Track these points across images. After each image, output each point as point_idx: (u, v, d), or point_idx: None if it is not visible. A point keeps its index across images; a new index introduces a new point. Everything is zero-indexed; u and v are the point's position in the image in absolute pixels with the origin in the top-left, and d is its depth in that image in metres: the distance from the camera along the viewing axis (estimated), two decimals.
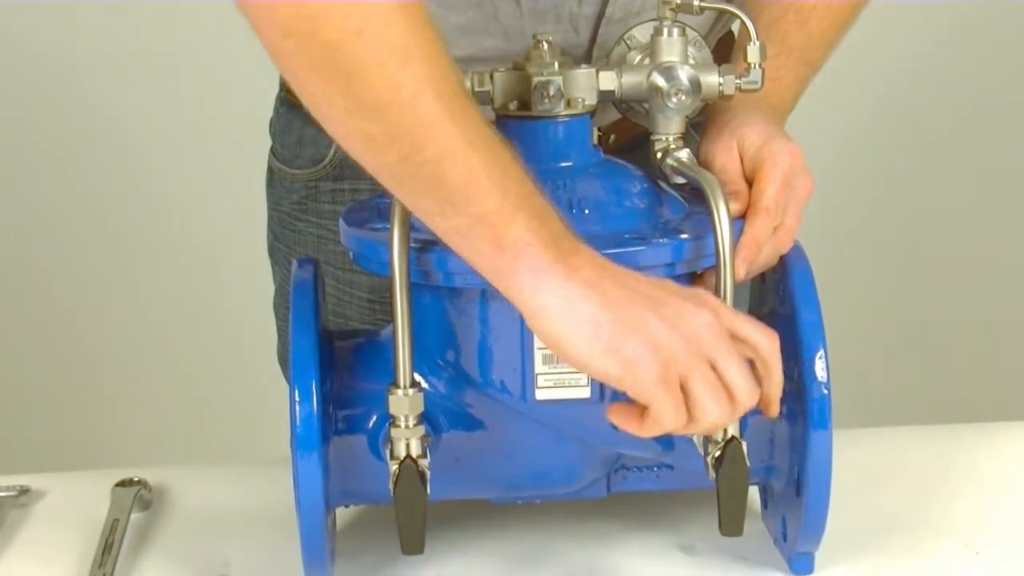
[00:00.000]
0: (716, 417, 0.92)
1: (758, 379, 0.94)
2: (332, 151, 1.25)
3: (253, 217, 1.45)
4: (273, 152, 1.33)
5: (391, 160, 0.90)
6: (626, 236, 0.99)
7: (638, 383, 0.91)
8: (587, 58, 1.14)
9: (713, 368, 0.92)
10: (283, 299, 1.34)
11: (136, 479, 1.21)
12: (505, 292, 0.92)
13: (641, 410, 0.93)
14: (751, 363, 0.94)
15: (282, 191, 1.31)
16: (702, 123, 1.12)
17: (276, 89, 1.33)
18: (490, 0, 1.11)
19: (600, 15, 1.12)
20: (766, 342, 0.95)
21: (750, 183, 1.06)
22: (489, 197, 0.90)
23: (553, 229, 0.92)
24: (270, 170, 1.34)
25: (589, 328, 0.90)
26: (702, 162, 1.08)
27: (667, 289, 0.93)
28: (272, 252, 1.35)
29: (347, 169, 1.26)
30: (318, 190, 1.27)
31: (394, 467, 0.96)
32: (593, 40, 1.13)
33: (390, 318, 0.98)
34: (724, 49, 1.18)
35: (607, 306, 0.91)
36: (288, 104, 1.30)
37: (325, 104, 0.90)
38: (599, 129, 1.15)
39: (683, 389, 0.92)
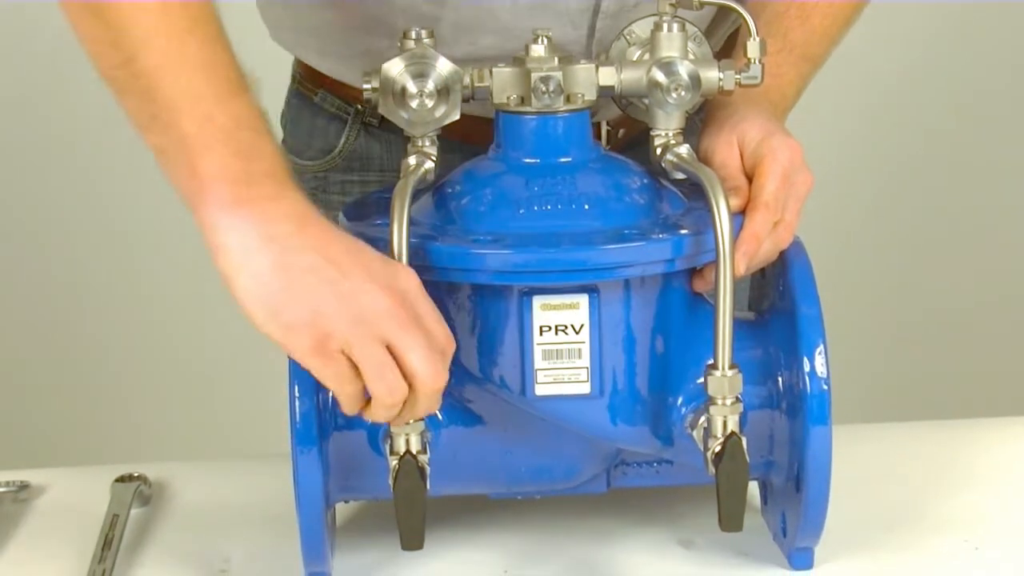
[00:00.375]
0: (386, 393, 0.92)
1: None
2: (342, 142, 1.26)
3: None
4: (284, 144, 1.33)
5: (113, 64, 0.90)
6: (626, 231, 0.99)
7: (295, 351, 0.91)
8: (587, 54, 1.14)
9: (391, 349, 0.92)
10: None
11: (136, 474, 1.21)
12: (199, 227, 0.92)
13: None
14: None
15: None
16: (701, 116, 1.12)
17: (287, 83, 1.33)
18: None
19: (596, 9, 1.12)
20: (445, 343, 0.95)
21: (750, 179, 1.06)
22: (192, 121, 0.90)
23: (254, 169, 0.91)
24: None
25: (258, 285, 0.90)
26: (702, 157, 1.09)
27: (361, 264, 0.93)
28: None
29: (356, 161, 1.26)
30: (328, 181, 1.27)
31: (394, 463, 0.96)
32: (591, 35, 1.13)
33: None
34: (732, 47, 1.18)
35: (281, 267, 0.90)
36: (300, 96, 1.30)
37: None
38: (607, 124, 1.16)
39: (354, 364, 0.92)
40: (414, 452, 0.96)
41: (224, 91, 0.91)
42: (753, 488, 1.13)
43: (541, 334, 0.99)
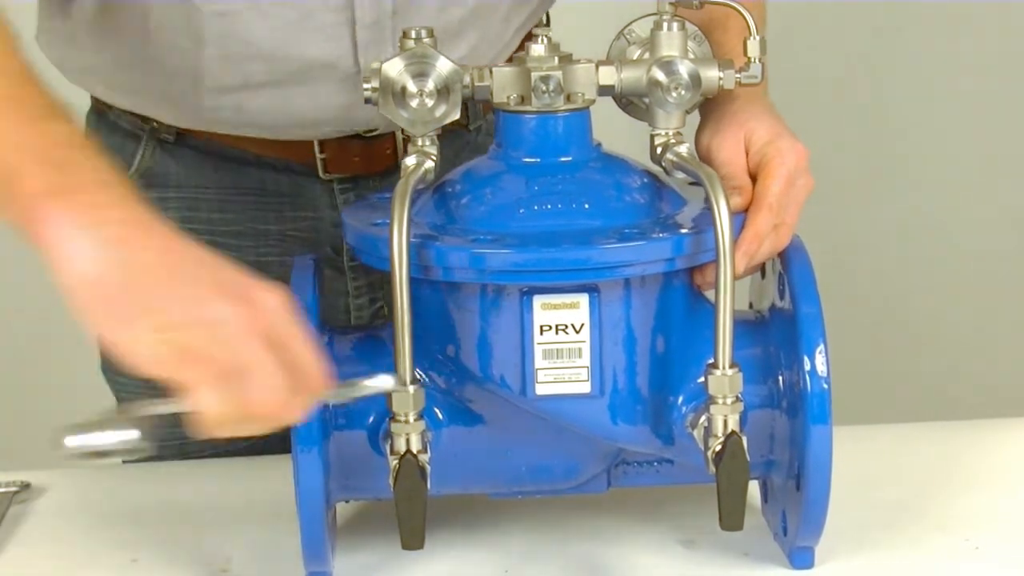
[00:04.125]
0: (216, 405, 0.85)
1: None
2: (137, 160, 1.26)
3: None
4: None
5: None
6: (626, 231, 0.99)
7: (128, 341, 0.85)
8: (356, 69, 1.15)
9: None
10: None
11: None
12: (40, 252, 0.88)
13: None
14: None
15: None
16: (701, 112, 1.11)
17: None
18: (239, 25, 1.12)
19: (352, 21, 1.13)
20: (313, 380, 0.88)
21: (752, 177, 1.06)
22: (4, 151, 0.88)
23: (77, 180, 0.88)
24: None
25: (93, 283, 0.86)
26: (703, 154, 1.09)
27: (209, 272, 0.88)
28: None
29: (154, 178, 1.26)
30: None
31: (394, 462, 0.96)
32: (355, 48, 1.14)
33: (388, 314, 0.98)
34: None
35: (118, 264, 0.86)
36: (96, 113, 1.30)
37: None
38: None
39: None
40: (414, 452, 0.96)
41: (34, 116, 0.89)
42: (753, 487, 1.13)
43: (541, 333, 0.99)
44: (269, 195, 1.27)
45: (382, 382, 0.96)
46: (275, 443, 1.25)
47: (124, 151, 1.26)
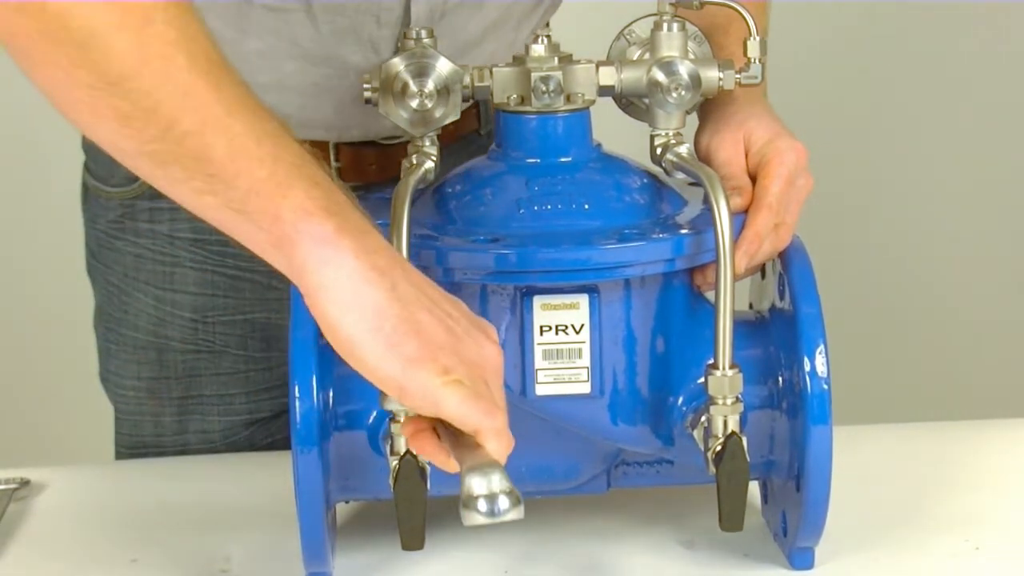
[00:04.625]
0: (497, 433, 0.87)
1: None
2: None
3: None
4: (87, 169, 1.31)
5: (150, 138, 0.82)
6: (626, 231, 0.99)
7: (418, 385, 0.84)
8: None
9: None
10: (102, 318, 1.32)
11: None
12: (288, 271, 0.85)
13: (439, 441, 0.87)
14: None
15: (98, 209, 1.29)
16: (699, 113, 1.12)
17: None
18: (288, 25, 1.12)
19: (399, 37, 1.12)
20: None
21: (752, 177, 1.06)
22: (260, 166, 0.83)
23: (338, 200, 0.85)
24: (85, 187, 1.32)
25: (372, 318, 0.83)
26: (703, 154, 1.09)
27: (460, 309, 0.88)
28: (90, 270, 1.33)
29: None
30: (135, 208, 1.26)
31: (394, 463, 0.97)
32: None
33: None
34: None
35: (395, 299, 0.84)
36: None
37: (67, 85, 0.81)
38: None
39: None
40: (414, 452, 0.96)
41: (274, 130, 0.85)
42: (753, 488, 1.12)
43: (541, 334, 0.99)
44: None
45: None
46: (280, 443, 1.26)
47: None
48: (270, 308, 1.26)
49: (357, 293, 0.83)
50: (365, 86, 1.03)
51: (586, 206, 1.01)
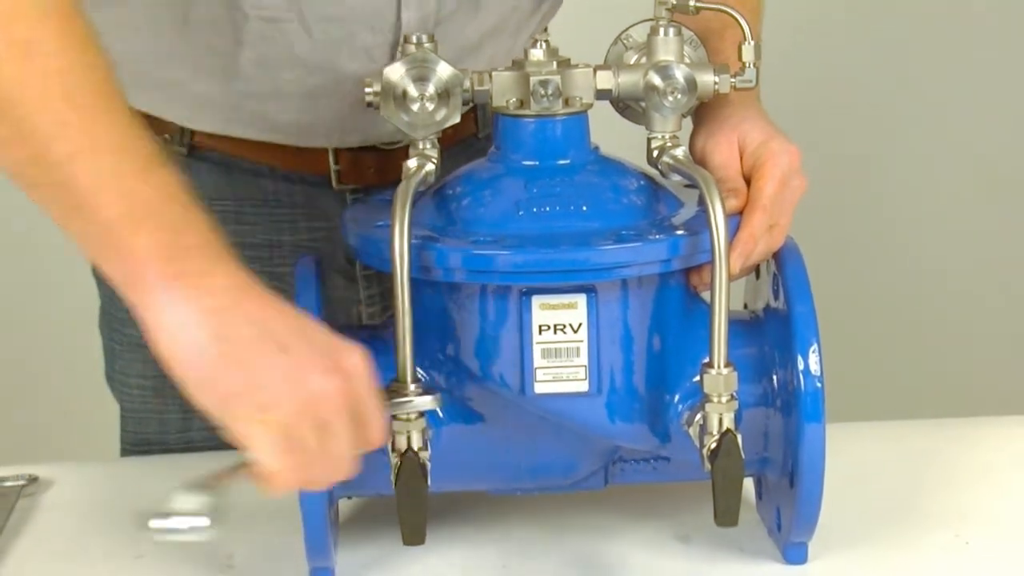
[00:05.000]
0: (298, 480, 0.90)
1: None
2: None
3: None
4: None
5: (20, 159, 0.87)
6: (623, 232, 1.00)
7: (233, 420, 0.88)
8: None
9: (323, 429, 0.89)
10: (107, 319, 1.32)
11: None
12: (132, 309, 0.89)
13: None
14: None
15: None
16: (694, 117, 1.12)
17: None
18: (282, 34, 1.13)
19: (394, 44, 1.14)
20: (376, 439, 0.93)
21: (747, 179, 1.07)
22: (116, 203, 0.86)
23: (185, 243, 0.88)
24: None
25: (196, 355, 0.87)
26: (699, 156, 1.10)
27: (305, 340, 0.90)
28: (95, 271, 1.30)
29: None
30: None
31: (396, 460, 0.97)
32: None
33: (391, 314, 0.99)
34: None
35: (220, 338, 0.87)
36: None
37: None
38: None
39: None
40: (415, 449, 0.97)
41: (142, 167, 0.88)
42: (748, 484, 1.13)
43: (540, 333, 1.00)
44: (283, 206, 1.27)
45: (422, 403, 0.97)
46: None
47: None
48: None
49: (184, 332, 0.87)
50: (367, 90, 1.03)
51: (584, 208, 1.01)
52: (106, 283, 1.30)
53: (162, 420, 1.30)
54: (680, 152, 1.06)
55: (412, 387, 0.97)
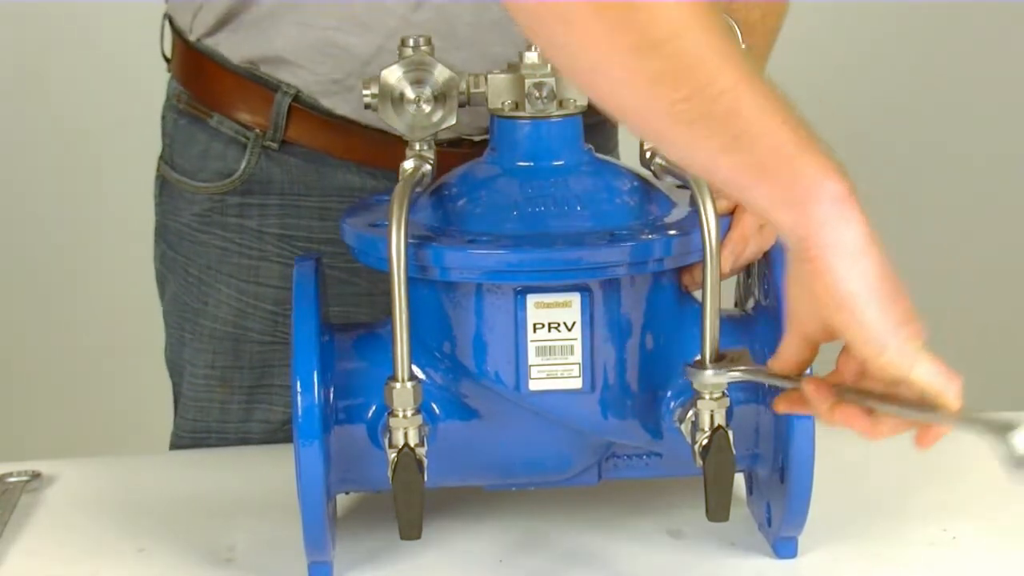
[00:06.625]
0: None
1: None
2: (243, 166, 1.26)
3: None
4: (169, 163, 1.32)
5: (682, 97, 0.84)
6: (617, 232, 1.01)
7: (898, 346, 0.86)
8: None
9: None
10: (177, 307, 1.33)
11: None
12: (797, 227, 0.86)
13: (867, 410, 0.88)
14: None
15: (181, 202, 1.30)
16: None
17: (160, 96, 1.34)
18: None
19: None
20: None
21: None
22: (784, 127, 0.85)
23: (840, 165, 0.87)
24: (163, 179, 1.33)
25: (874, 279, 0.85)
26: None
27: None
28: (165, 261, 1.34)
29: (256, 184, 1.27)
30: (224, 203, 1.28)
31: (392, 455, 0.98)
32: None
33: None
34: None
35: (887, 264, 0.86)
36: (189, 116, 1.30)
37: (606, 45, 0.83)
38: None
39: None
40: (412, 445, 0.98)
41: (780, 94, 0.87)
42: (739, 479, 1.14)
43: (535, 331, 1.01)
44: None
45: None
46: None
47: (226, 157, 1.27)
48: (348, 303, 1.27)
49: (864, 254, 0.86)
50: (364, 91, 1.04)
51: (578, 208, 1.02)
52: (181, 273, 1.30)
53: (224, 410, 1.30)
54: None
55: (408, 384, 0.98)
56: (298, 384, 1.01)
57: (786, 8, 1.22)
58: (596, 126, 1.12)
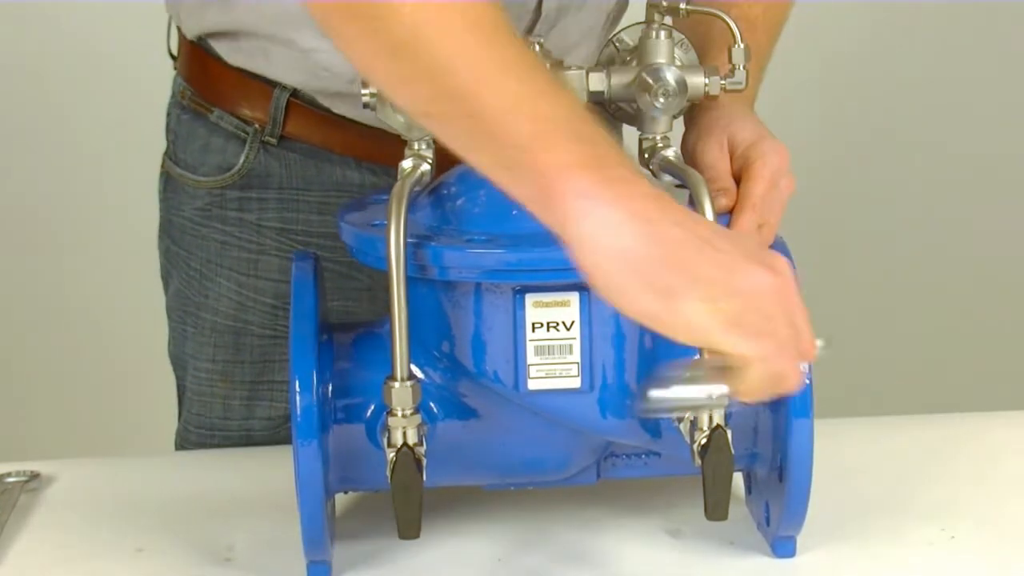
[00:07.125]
0: (776, 364, 0.86)
1: None
2: (241, 161, 1.27)
3: None
4: (172, 158, 1.33)
5: (427, 98, 0.86)
6: None
7: (682, 317, 0.84)
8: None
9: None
10: (180, 301, 1.33)
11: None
12: (552, 224, 0.87)
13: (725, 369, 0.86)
14: None
15: (184, 197, 1.31)
16: (686, 117, 1.13)
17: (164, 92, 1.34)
18: None
19: (529, 29, 1.15)
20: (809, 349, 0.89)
21: (737, 179, 1.08)
22: (528, 123, 0.85)
23: (599, 153, 0.86)
24: (167, 175, 1.34)
25: (629, 260, 0.84)
26: (690, 156, 1.10)
27: (734, 242, 0.87)
28: (169, 257, 1.34)
29: (255, 179, 1.27)
30: (224, 198, 1.29)
31: (391, 455, 0.98)
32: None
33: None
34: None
35: (651, 237, 0.84)
36: (192, 112, 1.30)
37: (363, 47, 0.87)
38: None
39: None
40: (411, 444, 0.98)
41: (544, 89, 0.87)
42: (738, 479, 1.14)
43: (533, 331, 1.01)
44: None
45: None
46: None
47: (226, 152, 1.28)
48: (348, 297, 1.27)
49: (615, 239, 0.84)
50: (363, 92, 1.04)
51: None
52: (183, 267, 1.31)
53: (226, 405, 1.31)
54: (671, 153, 1.07)
55: (407, 383, 0.98)
56: (296, 384, 1.01)
57: (790, 5, 1.22)
58: None
